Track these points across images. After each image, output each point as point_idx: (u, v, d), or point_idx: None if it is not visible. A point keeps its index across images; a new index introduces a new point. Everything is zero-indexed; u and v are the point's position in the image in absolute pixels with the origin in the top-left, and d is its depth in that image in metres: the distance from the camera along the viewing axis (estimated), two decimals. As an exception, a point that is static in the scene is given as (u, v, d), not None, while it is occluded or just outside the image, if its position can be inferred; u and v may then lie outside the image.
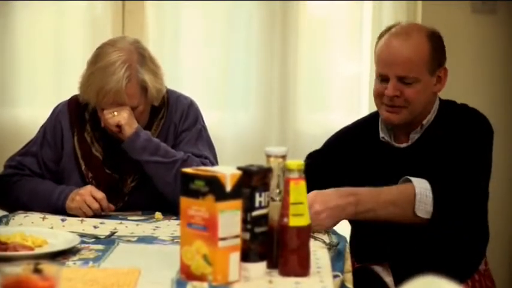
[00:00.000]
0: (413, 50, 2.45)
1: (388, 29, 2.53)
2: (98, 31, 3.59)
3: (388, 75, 2.46)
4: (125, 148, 2.56)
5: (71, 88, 2.65)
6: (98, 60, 2.53)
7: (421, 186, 2.29)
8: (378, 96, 2.51)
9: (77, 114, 2.67)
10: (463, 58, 3.73)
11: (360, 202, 2.26)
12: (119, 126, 2.54)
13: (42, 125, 2.74)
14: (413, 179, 2.31)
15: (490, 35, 3.71)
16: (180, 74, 3.61)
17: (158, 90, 2.60)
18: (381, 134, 2.56)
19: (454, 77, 3.72)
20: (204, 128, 2.72)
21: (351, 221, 2.56)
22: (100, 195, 2.51)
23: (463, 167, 2.39)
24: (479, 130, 2.49)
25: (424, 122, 2.51)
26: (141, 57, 2.56)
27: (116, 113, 2.54)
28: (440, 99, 2.59)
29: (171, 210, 2.48)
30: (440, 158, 2.42)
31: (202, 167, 1.88)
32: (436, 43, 2.51)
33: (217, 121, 3.56)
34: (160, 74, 2.62)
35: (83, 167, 2.63)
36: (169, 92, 2.72)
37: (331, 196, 2.24)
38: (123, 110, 2.54)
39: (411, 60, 2.44)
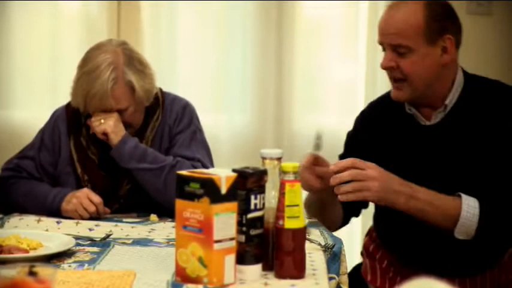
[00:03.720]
0: (405, 19, 2.37)
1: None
2: (93, 33, 3.59)
3: (384, 45, 2.42)
4: (112, 156, 2.56)
5: (66, 90, 2.65)
6: (84, 65, 2.54)
7: (469, 209, 2.25)
8: (384, 69, 2.45)
9: (75, 118, 2.67)
10: (459, 60, 3.73)
11: (413, 197, 2.24)
12: (105, 134, 2.54)
13: (41, 129, 2.74)
14: (464, 197, 2.27)
15: (485, 36, 3.71)
16: (176, 76, 3.61)
17: (146, 90, 2.59)
18: (407, 106, 2.47)
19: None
20: (199, 130, 2.71)
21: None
22: (97, 199, 2.51)
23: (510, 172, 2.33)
24: None
25: (447, 101, 2.41)
26: (127, 58, 2.55)
27: (102, 121, 2.54)
28: (466, 73, 2.50)
29: (167, 213, 2.48)
30: (473, 143, 2.35)
31: (197, 169, 1.88)
32: (434, 11, 2.40)
33: (213, 123, 3.56)
34: (149, 73, 2.61)
35: (79, 170, 2.63)
36: (165, 94, 2.72)
37: (391, 176, 2.24)
38: (109, 117, 2.54)
39: (401, 29, 2.37)
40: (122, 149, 2.55)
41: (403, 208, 2.25)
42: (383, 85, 3.63)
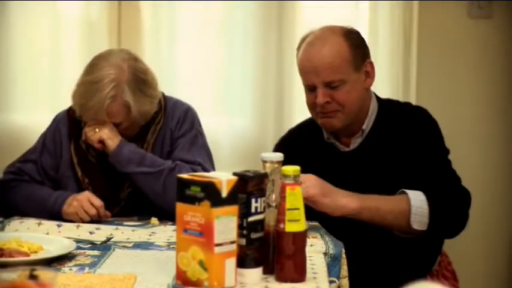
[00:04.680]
0: (333, 53, 2.43)
1: (304, 38, 2.52)
2: (93, 36, 3.58)
3: (315, 84, 2.45)
4: (111, 162, 2.56)
5: (67, 94, 2.65)
6: (89, 72, 2.54)
7: (416, 198, 2.30)
8: (312, 107, 2.51)
9: (75, 122, 2.67)
10: (460, 63, 3.74)
11: (362, 199, 2.28)
12: (101, 142, 2.54)
13: (43, 133, 2.75)
14: (408, 191, 2.32)
15: (486, 39, 3.72)
16: (176, 79, 3.61)
17: (143, 112, 2.57)
18: (325, 135, 2.56)
19: (451, 83, 3.75)
20: (200, 134, 2.71)
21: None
22: (98, 202, 2.51)
23: (440, 169, 2.42)
24: (432, 130, 2.50)
25: (364, 126, 2.51)
26: (131, 76, 2.53)
27: (97, 130, 2.54)
28: (379, 99, 2.58)
29: (167, 216, 2.48)
30: (391, 164, 2.44)
31: (198, 173, 1.88)
32: (354, 40, 2.49)
33: (213, 126, 3.55)
34: (150, 94, 2.58)
35: (79, 174, 2.63)
36: (167, 98, 2.72)
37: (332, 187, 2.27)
38: (104, 125, 2.54)
39: (333, 64, 2.42)
40: (120, 154, 2.55)
41: (356, 210, 2.28)
42: (382, 86, 3.64)
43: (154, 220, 2.52)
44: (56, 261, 1.96)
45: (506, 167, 3.76)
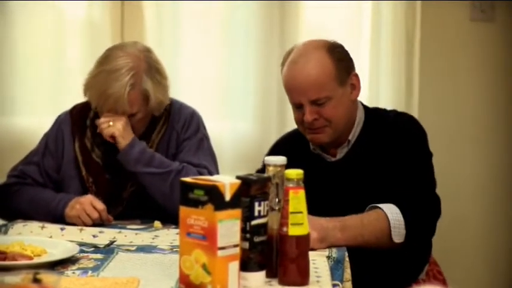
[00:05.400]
0: (317, 71, 2.42)
1: (288, 54, 2.51)
2: (96, 37, 3.59)
3: (301, 102, 2.44)
4: (119, 160, 2.57)
5: (69, 96, 2.66)
6: (106, 62, 2.54)
7: (392, 212, 2.28)
8: (300, 123, 2.50)
9: (79, 122, 2.68)
10: (462, 66, 3.74)
11: (345, 227, 2.22)
12: (113, 137, 2.55)
13: (45, 134, 2.75)
14: (381, 205, 2.30)
15: (488, 43, 3.72)
16: (179, 83, 3.60)
17: (160, 101, 2.60)
18: (312, 146, 2.56)
19: (453, 85, 3.75)
20: (205, 137, 2.73)
21: None
22: (100, 206, 2.51)
23: (416, 180, 2.39)
24: (413, 137, 2.48)
25: (350, 137, 2.50)
26: (148, 66, 2.56)
27: (111, 123, 2.54)
28: (366, 108, 2.58)
29: (170, 219, 2.48)
30: (377, 172, 2.42)
31: (201, 176, 1.88)
32: (338, 54, 2.48)
33: (216, 130, 3.55)
34: (165, 85, 2.62)
35: (84, 173, 2.63)
36: (172, 101, 2.72)
37: (319, 219, 2.19)
38: (118, 120, 2.54)
39: (318, 82, 2.41)
40: (129, 153, 2.55)
41: (342, 243, 2.21)
42: (386, 87, 3.64)
43: (157, 223, 2.52)
44: (59, 265, 1.96)
45: (507, 167, 3.77)
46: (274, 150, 2.68)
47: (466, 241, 3.74)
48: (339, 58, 2.47)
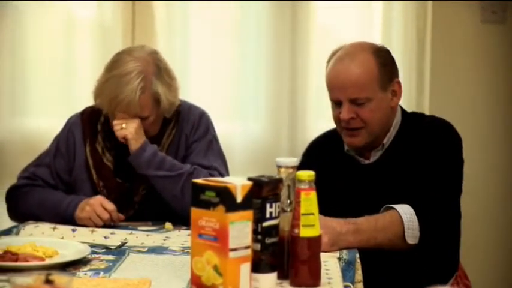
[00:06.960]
0: (360, 71, 2.43)
1: (334, 53, 2.52)
2: (107, 38, 3.60)
3: (340, 99, 2.45)
4: (131, 162, 2.57)
5: (80, 97, 2.66)
6: (114, 68, 2.54)
7: (406, 212, 2.28)
8: (337, 121, 2.51)
9: (90, 126, 2.68)
10: (473, 66, 3.74)
11: (358, 230, 2.22)
12: (125, 139, 2.55)
13: (56, 136, 2.75)
14: (396, 206, 2.29)
15: (500, 44, 3.71)
16: (190, 84, 3.61)
17: (171, 103, 2.60)
18: (346, 147, 2.57)
19: (463, 85, 3.74)
20: (215, 139, 2.72)
21: None
22: (110, 206, 2.51)
23: (439, 184, 2.39)
24: (446, 142, 2.47)
25: (385, 141, 2.51)
26: (157, 69, 2.56)
27: (124, 125, 2.54)
28: (404, 112, 2.58)
29: (181, 221, 2.49)
30: (408, 176, 2.42)
31: (212, 178, 1.88)
32: (383, 58, 2.49)
33: (227, 131, 3.55)
34: (174, 86, 2.62)
35: (94, 177, 2.64)
36: (182, 103, 2.72)
37: (330, 221, 2.18)
38: (131, 123, 2.54)
39: (359, 81, 2.42)
40: (141, 156, 2.55)
41: (355, 245, 2.21)
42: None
43: (168, 225, 2.52)
44: (70, 266, 1.97)
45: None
46: (309, 151, 2.71)
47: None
48: (384, 62, 2.48)
